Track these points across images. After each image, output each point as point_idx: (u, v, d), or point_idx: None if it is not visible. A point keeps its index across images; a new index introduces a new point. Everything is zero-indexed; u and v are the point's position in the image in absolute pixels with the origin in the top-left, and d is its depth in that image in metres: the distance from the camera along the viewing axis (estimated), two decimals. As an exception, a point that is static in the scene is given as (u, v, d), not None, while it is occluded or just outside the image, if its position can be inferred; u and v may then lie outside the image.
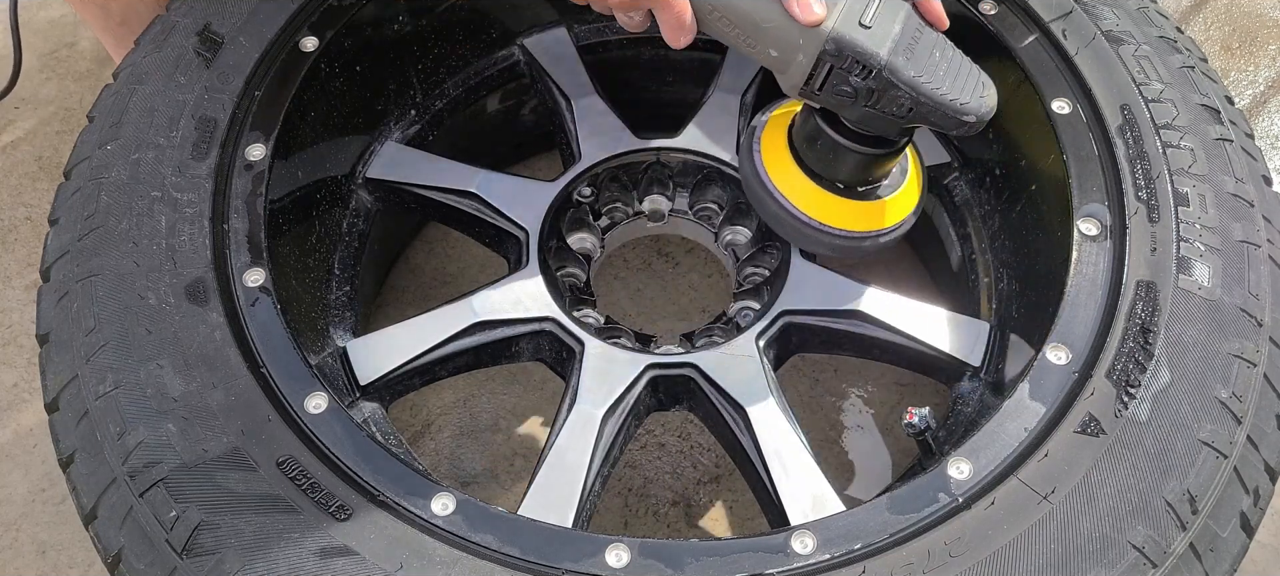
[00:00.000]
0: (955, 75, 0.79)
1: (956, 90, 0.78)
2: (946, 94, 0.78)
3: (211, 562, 0.70)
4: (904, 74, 0.77)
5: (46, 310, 0.84)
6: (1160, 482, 0.73)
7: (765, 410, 0.92)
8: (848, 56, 0.77)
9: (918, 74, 0.77)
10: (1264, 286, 0.83)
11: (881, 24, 0.77)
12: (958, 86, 0.78)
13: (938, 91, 0.78)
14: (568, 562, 0.72)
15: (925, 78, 0.77)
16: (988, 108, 0.80)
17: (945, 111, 0.78)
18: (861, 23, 0.77)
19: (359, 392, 0.95)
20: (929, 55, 0.78)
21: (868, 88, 0.78)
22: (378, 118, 1.12)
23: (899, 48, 0.77)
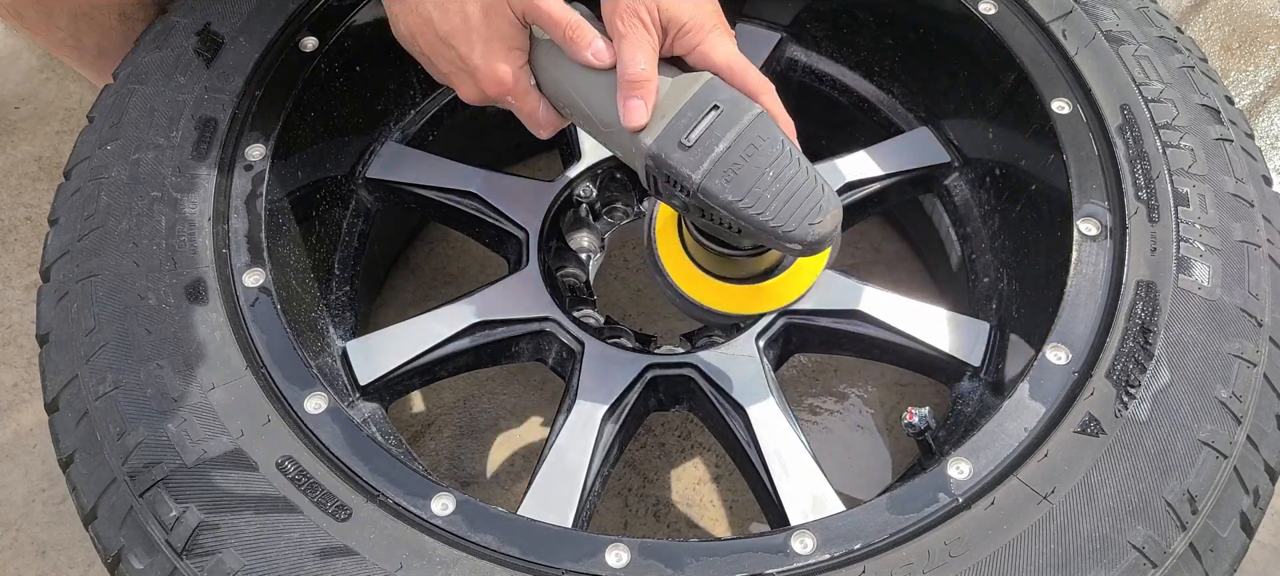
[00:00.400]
0: (787, 199, 0.74)
1: (782, 216, 0.74)
2: (769, 220, 0.74)
3: (211, 562, 0.70)
4: (720, 197, 0.74)
5: (46, 310, 0.84)
6: (1160, 482, 0.73)
7: (765, 410, 0.92)
8: (666, 174, 0.76)
9: (736, 198, 0.74)
10: (1264, 286, 0.83)
11: (704, 144, 0.75)
12: (784, 212, 0.74)
13: (758, 216, 0.74)
14: (568, 562, 0.72)
15: (745, 203, 0.74)
16: (816, 236, 0.75)
17: (767, 235, 0.75)
18: (681, 142, 0.75)
19: (359, 392, 0.95)
20: (757, 177, 0.74)
21: (690, 203, 0.77)
22: (378, 118, 1.12)
23: (718, 170, 0.74)
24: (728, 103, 0.76)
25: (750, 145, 0.75)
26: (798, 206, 0.74)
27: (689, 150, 0.75)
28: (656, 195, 0.81)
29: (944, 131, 1.12)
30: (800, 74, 1.22)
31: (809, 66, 1.21)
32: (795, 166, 0.75)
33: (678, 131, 0.76)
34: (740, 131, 0.75)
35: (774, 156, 0.75)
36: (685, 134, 0.75)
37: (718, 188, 0.74)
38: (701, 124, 0.75)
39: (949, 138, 1.12)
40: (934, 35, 1.09)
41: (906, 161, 1.10)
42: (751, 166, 0.75)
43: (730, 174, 0.74)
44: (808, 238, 0.75)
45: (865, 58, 1.18)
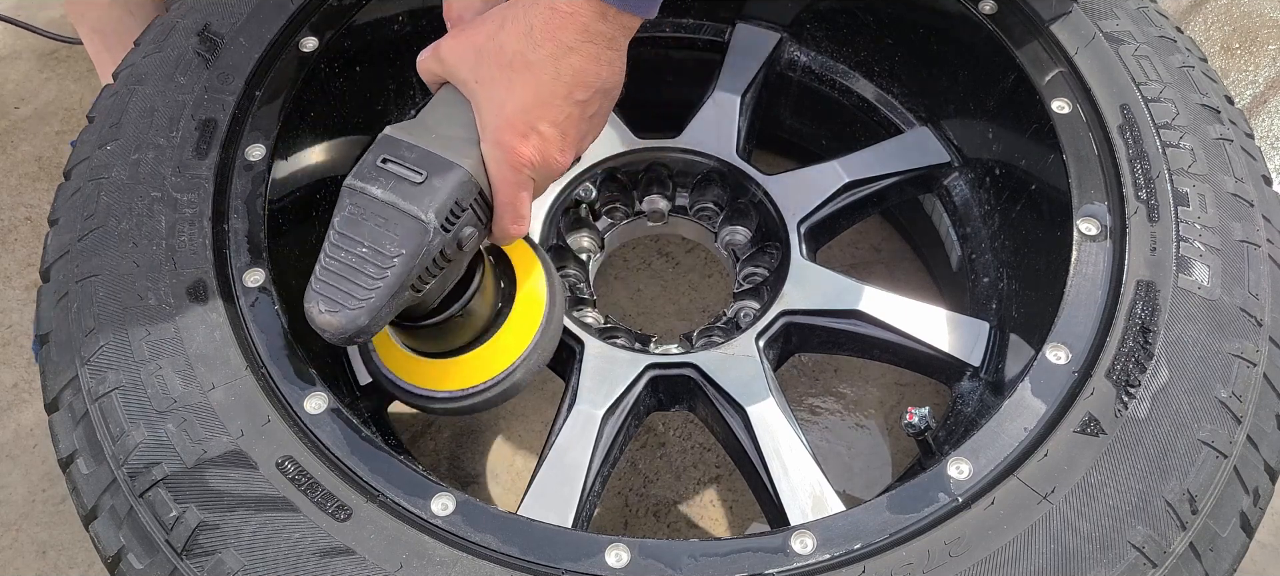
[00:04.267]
0: (342, 278, 0.72)
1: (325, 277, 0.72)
2: (321, 262, 0.73)
3: (211, 562, 0.70)
4: (339, 207, 0.73)
5: (46, 310, 0.84)
6: (1160, 482, 0.73)
7: (765, 410, 0.92)
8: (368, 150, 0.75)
9: (338, 225, 0.72)
10: (1264, 286, 0.83)
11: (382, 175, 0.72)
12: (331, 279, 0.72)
13: (324, 252, 0.73)
14: (568, 562, 0.72)
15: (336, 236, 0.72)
16: (310, 315, 0.72)
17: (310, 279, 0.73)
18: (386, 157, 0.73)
19: (359, 392, 0.95)
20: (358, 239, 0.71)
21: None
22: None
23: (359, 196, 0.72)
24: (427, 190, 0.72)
25: (387, 221, 0.72)
26: (337, 289, 0.72)
27: (376, 167, 0.73)
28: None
29: (944, 131, 1.12)
30: (800, 74, 1.22)
31: (809, 66, 1.21)
32: (377, 274, 0.71)
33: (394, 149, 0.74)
34: (396, 207, 0.71)
35: (381, 248, 0.71)
36: (391, 156, 0.73)
37: (345, 201, 0.73)
38: (402, 168, 0.73)
39: (949, 138, 1.12)
40: (934, 35, 1.09)
41: (906, 161, 1.10)
42: (367, 230, 0.72)
43: (358, 211, 0.72)
44: (307, 303, 0.73)
45: (865, 58, 1.18)
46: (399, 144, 0.74)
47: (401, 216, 0.71)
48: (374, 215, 0.72)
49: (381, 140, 0.75)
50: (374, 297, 0.71)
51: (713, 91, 1.16)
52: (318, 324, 0.72)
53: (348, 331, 0.72)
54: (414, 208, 0.71)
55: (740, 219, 1.14)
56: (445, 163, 0.73)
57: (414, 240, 0.71)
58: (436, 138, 0.74)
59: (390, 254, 0.71)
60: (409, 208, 0.71)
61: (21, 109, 1.52)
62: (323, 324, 0.72)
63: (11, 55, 1.59)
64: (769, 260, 1.10)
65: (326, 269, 0.72)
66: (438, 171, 0.73)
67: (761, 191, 1.09)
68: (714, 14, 1.22)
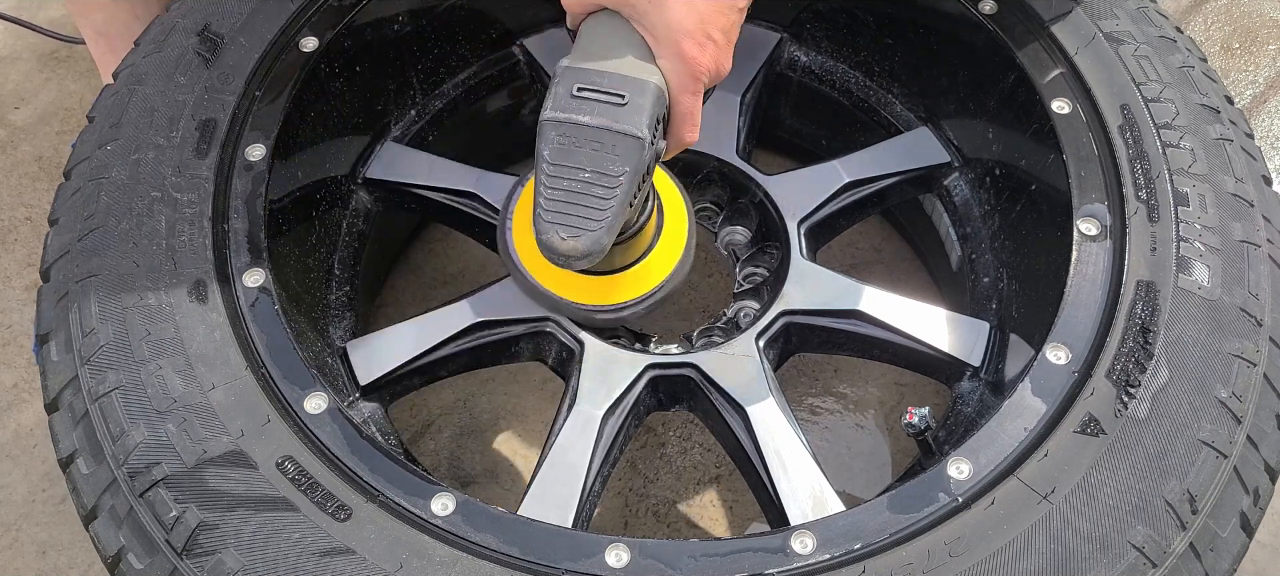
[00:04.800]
0: (573, 202, 0.75)
1: (554, 206, 0.75)
2: (544, 195, 0.75)
3: (211, 562, 0.70)
4: (542, 143, 0.75)
5: (46, 310, 0.84)
6: (1160, 482, 0.73)
7: (765, 410, 0.92)
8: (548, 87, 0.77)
9: (548, 156, 0.75)
10: (1264, 286, 0.83)
11: (581, 105, 0.75)
12: (559, 205, 0.75)
13: (543, 185, 0.75)
14: (568, 562, 0.72)
15: (548, 166, 0.75)
16: (552, 244, 0.75)
17: (535, 206, 0.76)
18: (578, 87, 0.75)
19: (359, 392, 0.95)
20: (577, 164, 0.75)
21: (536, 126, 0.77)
22: (378, 118, 1.12)
23: (563, 127, 0.75)
24: (634, 107, 0.75)
25: (602, 143, 0.75)
26: (571, 213, 0.75)
27: (572, 97, 0.75)
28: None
29: (944, 131, 1.12)
30: (800, 74, 1.22)
31: (809, 66, 1.21)
32: (607, 194, 0.75)
33: (583, 77, 0.76)
34: (608, 128, 0.75)
35: (606, 171, 0.75)
36: (583, 84, 0.76)
37: (549, 137, 0.75)
38: (600, 95, 0.75)
39: (949, 138, 1.12)
40: (934, 35, 1.09)
41: (906, 161, 1.10)
42: (584, 155, 0.75)
43: (566, 141, 0.75)
44: (545, 235, 0.76)
45: (865, 58, 1.18)
46: (587, 72, 0.76)
47: (617, 137, 0.75)
48: (588, 141, 0.75)
49: (567, 72, 0.77)
50: (609, 215, 0.75)
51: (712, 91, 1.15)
52: (561, 250, 0.75)
53: (593, 251, 0.76)
54: (628, 126, 0.74)
55: (740, 219, 1.14)
56: (639, 82, 0.76)
57: (635, 157, 0.75)
58: (616, 61, 0.77)
59: (615, 172, 0.75)
60: (623, 127, 0.74)
61: (21, 109, 1.52)
62: (568, 249, 0.75)
63: (11, 55, 1.59)
64: (769, 260, 1.10)
65: (552, 199, 0.75)
66: (635, 90, 0.76)
67: (761, 191, 1.09)
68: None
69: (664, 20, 0.75)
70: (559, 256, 0.76)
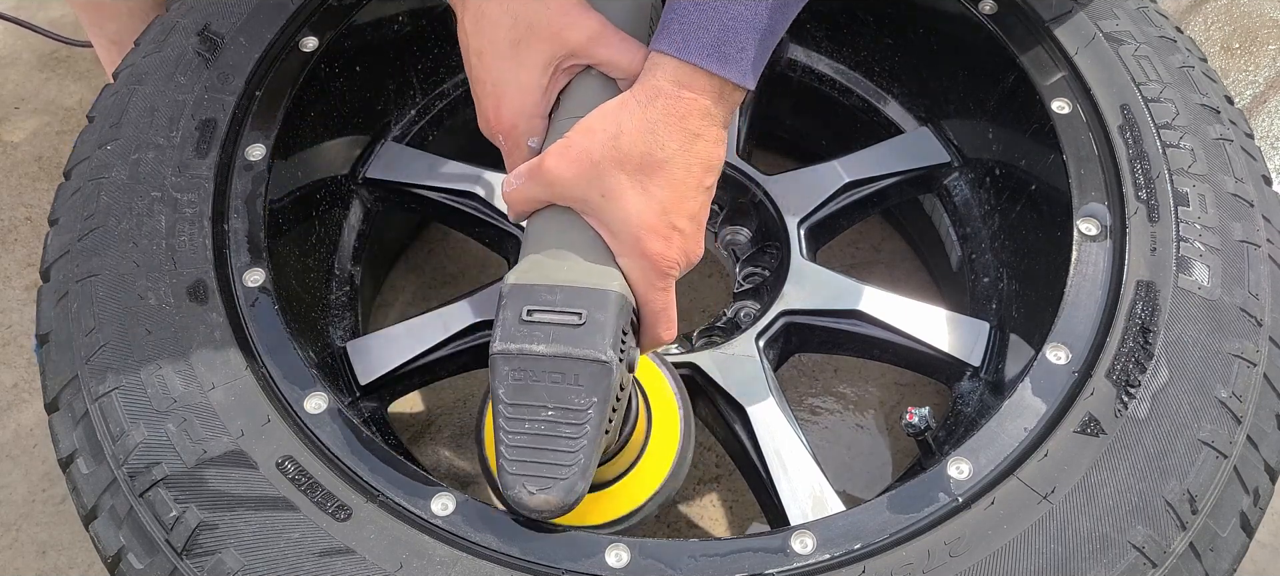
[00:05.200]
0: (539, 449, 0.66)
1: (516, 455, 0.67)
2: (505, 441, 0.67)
3: (211, 562, 0.70)
4: (496, 381, 0.67)
5: (46, 310, 0.84)
6: (1160, 482, 0.73)
7: (765, 410, 0.92)
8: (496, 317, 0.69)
9: (505, 397, 0.67)
10: (1264, 286, 0.83)
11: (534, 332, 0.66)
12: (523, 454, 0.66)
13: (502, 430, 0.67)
14: (568, 562, 0.72)
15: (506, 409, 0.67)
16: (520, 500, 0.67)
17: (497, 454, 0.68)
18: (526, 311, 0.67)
19: (359, 392, 0.95)
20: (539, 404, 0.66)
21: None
22: (378, 118, 1.12)
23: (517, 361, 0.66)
24: (592, 326, 0.66)
25: (563, 375, 0.66)
26: (536, 463, 0.67)
27: (521, 323, 0.67)
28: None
29: (944, 131, 1.12)
30: (800, 74, 1.22)
31: (809, 66, 1.21)
32: (576, 435, 0.66)
33: (533, 297, 0.68)
34: (568, 355, 0.66)
35: (569, 404, 0.66)
36: (534, 305, 0.68)
37: (502, 373, 0.67)
38: (553, 315, 0.67)
39: (949, 138, 1.12)
40: (934, 35, 1.09)
41: (906, 161, 1.10)
42: (543, 390, 0.67)
43: (522, 376, 0.67)
44: (511, 490, 0.67)
45: (865, 58, 1.18)
46: (535, 291, 0.68)
47: (577, 364, 0.66)
48: (545, 373, 0.66)
49: (511, 292, 0.68)
50: (581, 457, 0.66)
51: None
52: (531, 506, 0.67)
53: (567, 503, 0.67)
54: (588, 350, 0.66)
55: (740, 219, 1.14)
56: (596, 293, 0.67)
57: (601, 384, 0.66)
58: (568, 270, 0.69)
59: (581, 406, 0.66)
60: (583, 352, 0.66)
61: (21, 109, 1.52)
62: (539, 505, 0.67)
63: (11, 55, 1.59)
64: (769, 260, 1.10)
65: (513, 447, 0.67)
66: (593, 304, 0.67)
67: (761, 191, 1.09)
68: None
69: (620, 215, 0.68)
70: (530, 512, 0.68)
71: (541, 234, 0.71)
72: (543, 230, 0.71)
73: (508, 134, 0.75)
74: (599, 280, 0.68)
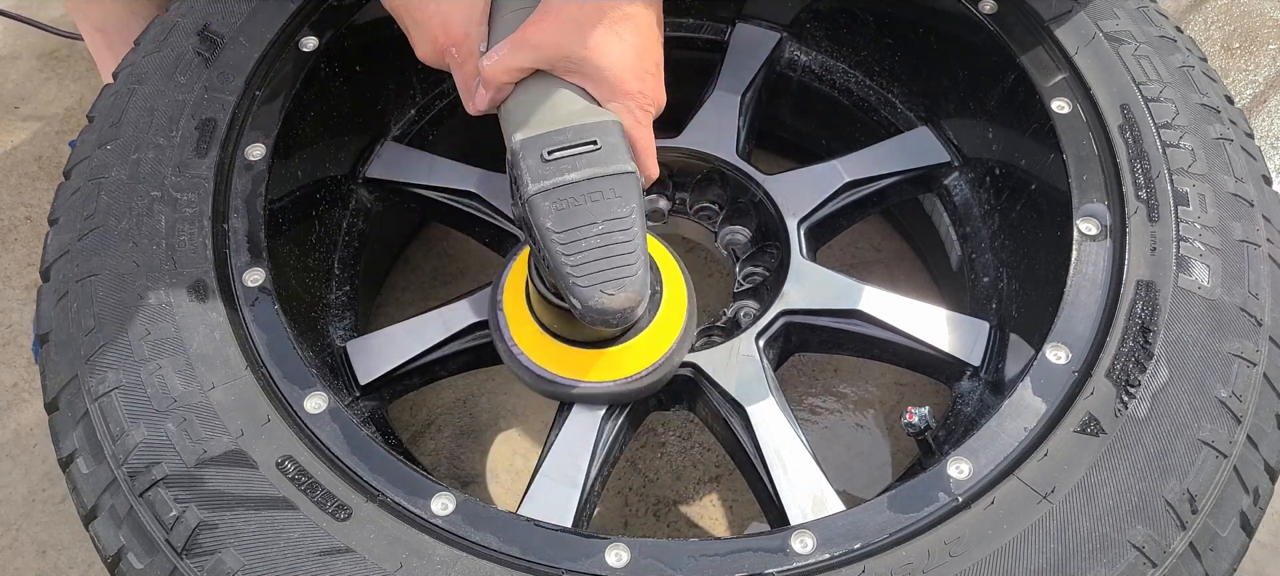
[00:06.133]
0: (599, 258, 0.72)
1: (583, 270, 0.72)
2: (567, 264, 0.72)
3: (211, 562, 0.70)
4: (540, 219, 0.72)
5: (46, 310, 0.84)
6: (1160, 482, 0.73)
7: (765, 410, 0.92)
8: (514, 176, 0.75)
9: (553, 227, 0.72)
10: (1264, 286, 0.83)
11: (559, 166, 0.73)
12: (588, 268, 0.72)
13: (562, 256, 0.72)
14: (568, 562, 0.72)
15: (559, 236, 0.72)
16: (601, 305, 0.72)
17: (561, 280, 0.73)
18: (544, 154, 0.73)
19: (359, 392, 0.95)
20: (585, 221, 0.72)
21: (520, 214, 0.75)
22: (378, 117, 1.12)
23: (554, 193, 0.72)
24: (608, 148, 0.74)
25: (599, 192, 0.73)
26: (603, 270, 0.73)
27: (544, 163, 0.73)
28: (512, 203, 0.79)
29: (944, 131, 1.12)
30: (800, 74, 1.22)
31: (809, 66, 1.21)
32: (627, 237, 0.73)
33: (546, 142, 0.74)
34: (599, 175, 0.73)
35: (613, 215, 0.73)
36: (549, 149, 0.74)
37: (544, 209, 0.73)
38: (570, 150, 0.74)
39: (949, 137, 1.12)
40: (934, 35, 1.09)
41: (906, 161, 1.10)
42: (586, 210, 0.73)
43: (563, 205, 0.73)
44: (590, 300, 0.73)
45: (865, 58, 1.18)
46: (547, 136, 0.74)
47: (609, 180, 0.73)
48: (584, 197, 0.73)
49: (526, 144, 0.75)
50: (638, 254, 0.73)
51: (712, 91, 1.16)
52: (614, 307, 0.73)
53: (641, 294, 0.74)
54: (615, 165, 0.73)
55: (740, 219, 1.14)
56: (602, 124, 0.75)
57: (634, 190, 0.74)
58: (566, 115, 0.75)
59: (624, 212, 0.73)
60: (612, 168, 0.73)
61: (21, 109, 1.52)
62: (620, 303, 0.73)
63: (11, 55, 1.59)
64: (769, 260, 1.10)
65: (578, 265, 0.72)
66: (602, 133, 0.75)
67: (761, 191, 1.09)
68: (714, 14, 1.21)
69: (604, 62, 0.76)
70: (613, 315, 0.73)
71: (527, 100, 0.77)
72: (527, 97, 0.77)
73: (460, 44, 0.81)
74: (598, 115, 0.76)
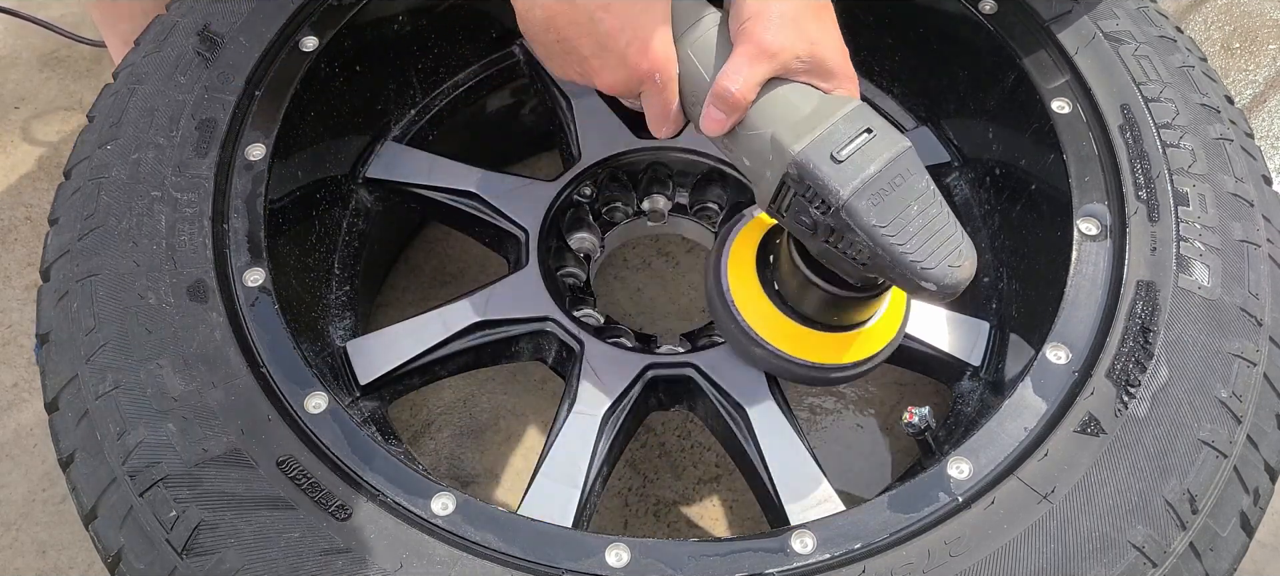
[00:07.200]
0: (929, 236, 0.73)
1: (923, 252, 0.73)
2: (908, 253, 0.72)
3: (211, 562, 0.70)
4: (863, 219, 0.72)
5: (46, 310, 0.83)
6: (1160, 482, 0.73)
7: (765, 410, 0.92)
8: (809, 186, 0.73)
9: (879, 223, 0.72)
10: (1264, 286, 0.83)
11: (855, 163, 0.72)
12: (926, 249, 0.73)
13: (898, 248, 0.72)
14: (568, 562, 0.72)
15: (887, 229, 0.72)
16: (955, 280, 0.73)
17: (903, 270, 0.73)
18: (833, 155, 0.72)
19: (359, 392, 0.95)
20: (902, 207, 0.73)
21: (827, 224, 0.74)
22: (378, 117, 1.12)
23: (866, 190, 0.72)
24: (879, 129, 0.74)
25: (898, 175, 0.73)
26: (939, 245, 0.73)
27: (839, 165, 0.72)
28: (778, 214, 0.78)
29: (944, 131, 1.12)
30: (800, 74, 1.22)
31: (809, 66, 1.21)
32: (938, 207, 0.74)
33: (829, 144, 0.73)
34: (891, 159, 0.73)
35: (919, 192, 0.74)
36: (836, 149, 0.73)
37: (862, 209, 0.72)
38: (854, 143, 0.73)
39: (949, 137, 1.12)
40: (934, 35, 1.09)
41: (906, 161, 1.10)
42: (898, 196, 0.73)
43: (877, 198, 0.72)
44: (944, 279, 0.73)
45: (865, 58, 1.18)
46: (824, 139, 0.74)
47: (899, 161, 0.73)
48: (887, 182, 0.73)
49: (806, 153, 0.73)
50: (952, 221, 0.75)
51: (713, 91, 1.15)
52: (963, 277, 0.74)
53: (975, 256, 0.75)
54: (895, 145, 0.74)
55: (740, 219, 1.14)
56: (854, 111, 0.75)
57: (918, 160, 0.75)
58: (821, 114, 0.75)
59: (925, 185, 0.74)
60: (895, 149, 0.74)
61: (21, 109, 1.52)
62: (966, 272, 0.74)
63: (11, 55, 1.59)
64: (769, 260, 1.10)
65: (913, 247, 0.73)
66: (863, 118, 0.75)
67: (761, 191, 1.09)
68: (714, 14, 1.21)
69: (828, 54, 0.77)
70: (963, 283, 0.74)
71: (772, 107, 0.77)
72: (770, 104, 0.77)
73: (662, 68, 0.78)
74: (847, 103, 0.76)
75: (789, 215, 0.77)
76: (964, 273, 0.74)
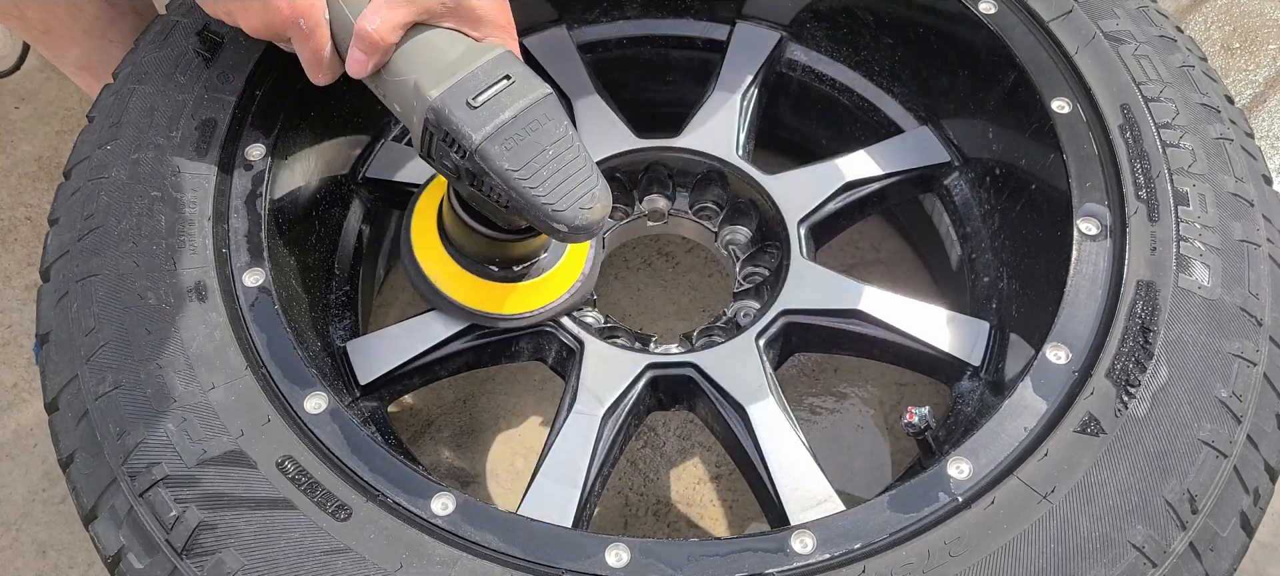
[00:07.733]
0: (563, 179, 0.77)
1: (554, 195, 0.76)
2: (540, 195, 0.76)
3: (211, 562, 0.70)
4: (496, 163, 0.76)
5: (46, 310, 0.84)
6: (1160, 482, 0.73)
7: (765, 410, 0.92)
8: (446, 131, 0.77)
9: (511, 167, 0.76)
10: (1264, 286, 0.83)
11: (489, 109, 0.76)
12: (559, 192, 0.77)
13: (531, 190, 0.76)
14: (568, 562, 0.72)
15: (519, 173, 0.76)
16: (585, 221, 0.78)
17: (537, 212, 0.77)
18: (469, 102, 0.76)
19: (359, 392, 0.95)
20: (536, 152, 0.76)
21: (465, 167, 0.77)
22: (378, 117, 1.12)
23: (499, 135, 0.75)
24: (519, 76, 0.78)
25: (534, 121, 0.77)
26: (571, 189, 0.77)
27: (474, 111, 0.76)
28: (428, 158, 0.81)
29: (944, 131, 1.12)
30: (800, 74, 1.22)
31: (809, 66, 1.21)
32: (573, 152, 0.78)
33: (465, 91, 0.76)
34: (527, 105, 0.77)
35: (556, 137, 0.77)
36: (472, 95, 0.76)
37: (495, 153, 0.76)
38: (491, 89, 0.77)
39: (949, 137, 1.12)
40: (934, 35, 1.09)
41: (906, 161, 1.10)
42: (532, 141, 0.77)
43: (510, 143, 0.76)
44: (575, 221, 0.77)
45: (865, 58, 1.18)
46: (461, 85, 0.77)
47: (537, 106, 0.77)
48: (522, 127, 0.77)
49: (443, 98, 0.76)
50: (588, 164, 0.79)
51: (712, 91, 1.16)
52: (594, 218, 0.78)
53: (608, 198, 0.80)
54: (534, 91, 0.78)
55: (740, 218, 1.14)
56: (497, 58, 0.79)
57: (558, 108, 0.79)
58: (461, 61, 0.78)
59: (562, 131, 0.78)
60: (532, 95, 0.77)
61: (21, 109, 1.52)
62: (598, 213, 0.79)
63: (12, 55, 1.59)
64: (769, 260, 1.10)
65: (548, 188, 0.77)
66: (503, 65, 0.78)
67: (762, 191, 1.09)
68: (714, 14, 1.22)
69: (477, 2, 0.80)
70: (594, 225, 0.78)
71: (417, 53, 0.80)
72: (415, 50, 0.80)
73: (306, 14, 0.81)
74: (491, 50, 0.79)
75: (435, 160, 0.80)
76: (595, 215, 0.78)
